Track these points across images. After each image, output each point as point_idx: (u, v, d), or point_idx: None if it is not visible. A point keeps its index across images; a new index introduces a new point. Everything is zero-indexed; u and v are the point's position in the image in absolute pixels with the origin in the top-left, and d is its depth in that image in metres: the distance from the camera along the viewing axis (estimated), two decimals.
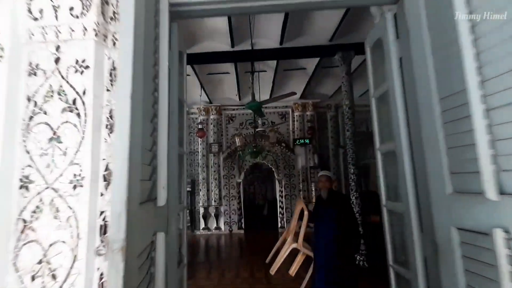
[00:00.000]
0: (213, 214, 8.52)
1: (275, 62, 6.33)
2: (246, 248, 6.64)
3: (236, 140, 5.32)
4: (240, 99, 8.80)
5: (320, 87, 8.07)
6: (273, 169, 8.73)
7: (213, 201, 8.53)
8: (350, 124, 5.16)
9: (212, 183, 8.62)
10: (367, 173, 11.45)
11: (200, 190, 8.67)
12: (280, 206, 8.48)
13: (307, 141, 8.46)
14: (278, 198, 8.56)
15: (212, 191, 8.60)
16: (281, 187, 8.53)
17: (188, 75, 7.04)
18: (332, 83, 7.83)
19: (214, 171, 8.63)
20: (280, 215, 8.44)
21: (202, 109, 8.91)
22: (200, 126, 7.72)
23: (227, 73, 6.95)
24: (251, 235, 8.01)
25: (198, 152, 8.97)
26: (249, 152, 5.16)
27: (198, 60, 5.70)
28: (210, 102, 8.92)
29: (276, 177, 8.62)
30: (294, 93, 3.93)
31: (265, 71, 6.85)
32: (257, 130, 6.67)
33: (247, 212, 11.55)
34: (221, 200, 8.57)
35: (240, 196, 8.63)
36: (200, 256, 6.03)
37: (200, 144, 8.86)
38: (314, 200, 7.91)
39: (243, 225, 8.52)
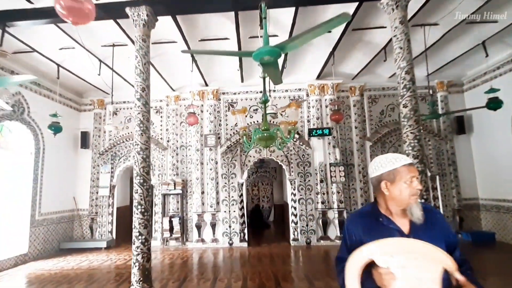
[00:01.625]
0: (209, 223, 6.83)
1: (290, 22, 4.67)
2: (252, 271, 4.95)
3: (236, 120, 3.65)
4: (242, 80, 7.14)
5: (344, 62, 6.37)
6: (283, 167, 7.03)
7: (209, 206, 6.84)
8: (409, 98, 3.44)
9: (207, 184, 6.94)
10: None
11: (193, 192, 6.99)
12: (293, 214, 6.78)
13: (326, 131, 6.77)
14: (290, 203, 6.87)
15: (207, 194, 6.91)
16: (294, 189, 6.83)
17: (174, 42, 5.39)
18: (360, 57, 6.14)
19: (210, 169, 6.95)
20: (293, 224, 6.73)
21: (195, 93, 7.24)
22: (190, 110, 6.04)
23: (226, 38, 5.28)
24: (256, 250, 6.32)
25: (191, 145, 7.30)
26: (258, 139, 3.46)
27: (181, 7, 4.02)
28: (206, 84, 7.25)
29: (287, 176, 6.93)
30: (347, 16, 2.23)
31: (277, 35, 5.17)
32: (268, 113, 4.98)
33: (251, 220, 9.87)
34: (219, 205, 6.88)
35: (243, 201, 6.94)
36: (188, 286, 4.35)
37: (193, 135, 7.18)
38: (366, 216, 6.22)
39: (246, 237, 6.83)
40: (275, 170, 11.09)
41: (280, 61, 5.99)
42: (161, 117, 7.67)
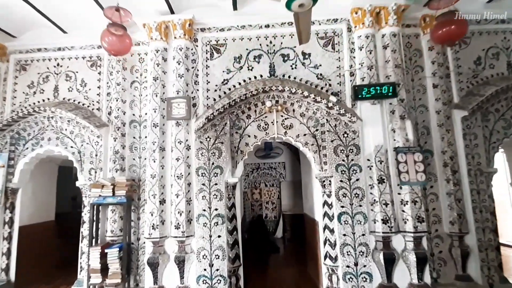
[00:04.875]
0: (173, 258, 3.74)
1: None
2: None
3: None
4: (236, 7, 4.11)
5: None
6: (307, 155, 3.94)
7: (173, 227, 3.75)
8: None
9: (172, 185, 3.84)
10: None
11: (146, 201, 3.89)
12: (328, 241, 3.66)
13: (386, 90, 3.69)
14: (322, 220, 3.77)
15: (171, 204, 3.82)
16: (329, 196, 3.73)
17: None
18: None
19: (177, 160, 3.86)
20: (329, 262, 3.62)
21: (153, 27, 4.15)
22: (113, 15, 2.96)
23: None
24: None
25: (146, 119, 4.22)
26: None
27: None
28: (172, 11, 4.17)
29: (315, 171, 3.83)
30: None
31: None
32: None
33: (251, 236, 6.76)
34: (192, 226, 3.78)
35: (235, 216, 3.84)
36: None
37: (150, 101, 4.08)
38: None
39: (241, 283, 3.74)
40: (283, 166, 8.01)
41: None
42: (100, 73, 4.58)
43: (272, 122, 3.92)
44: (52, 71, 4.64)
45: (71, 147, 4.35)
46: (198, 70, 4.17)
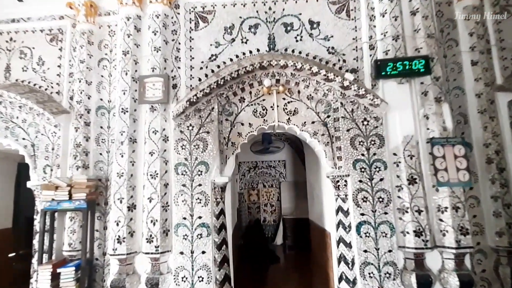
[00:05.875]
0: (144, 280, 2.92)
1: None
2: None
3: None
4: None
5: None
6: (316, 148, 3.14)
7: (144, 240, 2.93)
8: None
9: (144, 187, 3.02)
10: None
11: (111, 207, 3.06)
12: (342, 258, 2.84)
13: (418, 65, 2.89)
14: (335, 231, 2.96)
15: (144, 210, 3.00)
16: (344, 200, 2.93)
17: None
18: None
19: (151, 154, 3.04)
20: (345, 283, 2.81)
21: None
22: None
23: None
24: None
25: (116, 105, 3.37)
26: None
27: None
28: None
29: (327, 168, 3.02)
30: None
31: None
32: None
33: (247, 243, 5.95)
34: (169, 239, 2.97)
35: (224, 226, 3.02)
36: None
37: (118, 80, 3.26)
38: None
39: None
40: (284, 164, 7.21)
41: None
42: (61, 49, 3.76)
43: (271, 107, 3.12)
44: (4, 47, 3.80)
45: (23, 139, 3.52)
46: (179, 43, 3.36)
